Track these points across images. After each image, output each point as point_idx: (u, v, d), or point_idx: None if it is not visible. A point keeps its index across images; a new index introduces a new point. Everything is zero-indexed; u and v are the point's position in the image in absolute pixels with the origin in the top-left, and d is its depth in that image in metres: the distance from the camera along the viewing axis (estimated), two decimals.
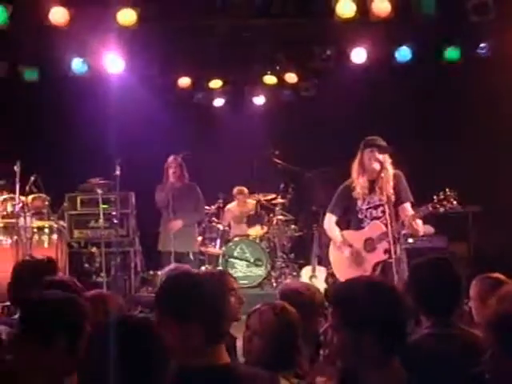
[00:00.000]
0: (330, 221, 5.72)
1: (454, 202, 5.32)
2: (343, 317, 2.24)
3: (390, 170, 5.46)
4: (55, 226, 8.16)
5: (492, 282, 3.41)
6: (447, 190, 5.29)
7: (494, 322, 2.18)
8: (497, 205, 8.52)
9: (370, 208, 5.54)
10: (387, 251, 5.23)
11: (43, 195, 8.17)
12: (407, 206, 5.59)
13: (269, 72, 9.90)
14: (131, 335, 1.98)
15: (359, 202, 5.55)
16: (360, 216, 5.57)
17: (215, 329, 2.25)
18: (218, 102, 10.43)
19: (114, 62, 8.91)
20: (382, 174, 5.38)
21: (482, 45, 8.82)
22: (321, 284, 7.84)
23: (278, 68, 9.84)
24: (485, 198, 8.39)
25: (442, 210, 5.28)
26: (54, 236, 8.08)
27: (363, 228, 5.57)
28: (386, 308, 2.21)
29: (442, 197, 5.23)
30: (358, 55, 8.97)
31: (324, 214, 5.94)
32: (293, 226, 9.59)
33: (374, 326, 2.17)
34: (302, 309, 3.05)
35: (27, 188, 7.97)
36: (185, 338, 2.21)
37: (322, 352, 3.33)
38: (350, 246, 5.54)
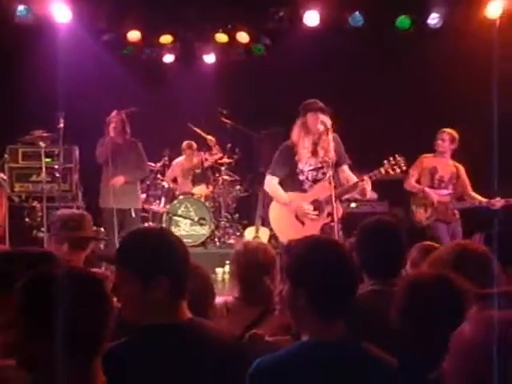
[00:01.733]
0: (271, 182, 5.66)
1: (404, 168, 5.45)
2: (286, 267, 2.26)
3: (331, 132, 5.45)
4: None
5: (425, 249, 3.50)
6: (396, 155, 5.39)
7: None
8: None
9: (311, 170, 5.55)
10: (330, 214, 5.28)
11: None
12: (346, 168, 5.66)
13: (220, 30, 9.76)
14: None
15: (300, 164, 5.54)
16: (301, 178, 5.55)
17: (180, 283, 2.20)
18: (168, 58, 10.25)
19: (60, 11, 8.65)
20: (326, 136, 5.40)
21: (432, 15, 8.92)
22: None
23: (229, 27, 9.72)
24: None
25: (392, 173, 5.41)
26: None
27: (304, 190, 5.57)
28: (325, 267, 2.19)
29: (392, 162, 5.34)
30: (311, 18, 8.94)
31: None
32: (238, 187, 9.60)
33: (309, 284, 2.17)
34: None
35: None
36: (148, 295, 2.15)
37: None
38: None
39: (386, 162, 5.36)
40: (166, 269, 2.16)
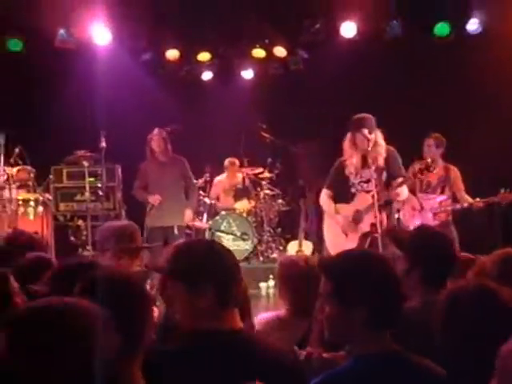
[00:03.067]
0: (325, 196, 5.86)
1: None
2: (335, 289, 2.22)
3: (383, 144, 5.62)
4: (41, 198, 8.10)
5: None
6: (429, 160, 5.44)
7: None
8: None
9: (361, 182, 5.65)
10: (373, 225, 5.26)
11: (28, 167, 8.11)
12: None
13: (257, 45, 9.81)
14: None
15: (352, 177, 5.68)
16: (353, 190, 5.69)
17: (227, 292, 2.19)
18: (207, 76, 10.34)
19: (100, 34, 8.81)
20: (373, 149, 5.52)
21: (472, 20, 8.80)
22: None
23: (266, 41, 9.76)
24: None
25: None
26: (40, 208, 8.03)
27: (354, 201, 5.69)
28: (379, 283, 2.19)
29: (423, 167, 5.41)
30: (348, 29, 8.91)
31: (310, 189, 6.00)
32: (280, 201, 9.57)
33: (365, 301, 2.16)
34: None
35: (12, 160, 7.90)
36: (194, 302, 2.16)
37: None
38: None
39: (416, 168, 5.52)
40: (212, 277, 2.17)
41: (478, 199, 6.87)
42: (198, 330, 2.17)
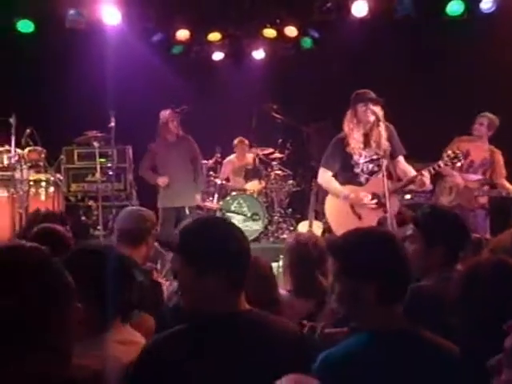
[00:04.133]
0: (325, 175, 5.60)
1: (462, 161, 5.37)
2: (343, 266, 2.24)
3: (383, 122, 5.38)
4: (52, 178, 8.14)
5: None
6: (457, 151, 5.29)
7: None
8: None
9: (366, 162, 5.46)
10: (383, 205, 5.21)
11: (39, 148, 8.14)
12: (401, 159, 5.58)
13: (268, 25, 9.74)
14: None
15: (355, 157, 5.45)
16: (356, 170, 5.47)
17: (236, 274, 2.16)
18: (217, 56, 10.30)
19: (110, 14, 8.79)
20: (377, 127, 5.34)
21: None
22: None
23: (277, 21, 9.69)
24: None
25: (451, 166, 5.36)
26: (51, 189, 8.07)
27: (360, 183, 5.49)
28: (386, 258, 2.22)
29: (452, 155, 5.22)
30: (359, 8, 8.83)
31: None
32: (290, 181, 9.56)
33: (373, 278, 2.18)
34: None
35: (23, 140, 7.93)
36: (202, 283, 2.13)
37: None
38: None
39: (445, 155, 5.25)
40: (220, 259, 2.14)
41: None
42: (207, 312, 2.15)
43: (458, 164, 5.40)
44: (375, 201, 5.38)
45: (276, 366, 1.93)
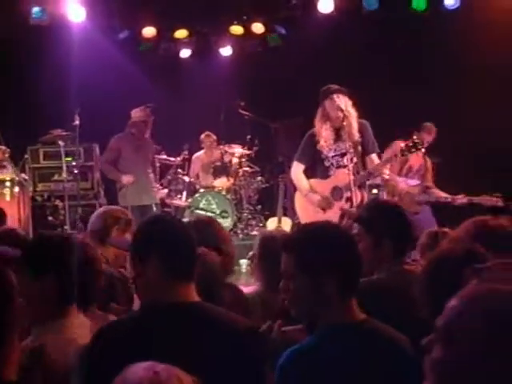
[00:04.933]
0: (296, 170, 5.73)
1: (420, 148, 5.41)
2: (301, 263, 2.21)
3: (353, 112, 5.48)
4: (17, 178, 8.00)
5: (435, 235, 3.46)
6: (415, 137, 5.35)
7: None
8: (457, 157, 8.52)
9: (336, 155, 5.54)
10: (349, 199, 5.25)
11: (3, 147, 7.97)
12: (374, 156, 5.64)
13: (235, 22, 9.73)
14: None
15: (325, 150, 5.54)
16: (326, 164, 5.57)
17: (175, 264, 2.21)
18: (185, 53, 10.24)
19: (75, 11, 8.69)
20: (346, 122, 5.38)
21: None
22: None
23: (244, 18, 9.68)
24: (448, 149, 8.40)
25: (408, 154, 5.40)
26: (16, 189, 7.93)
27: (329, 175, 5.57)
28: (344, 251, 2.22)
29: (410, 144, 5.28)
30: (325, 4, 8.86)
31: (289, 166, 5.94)
32: (259, 178, 9.55)
33: (334, 270, 2.17)
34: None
35: None
36: (146, 274, 2.22)
37: None
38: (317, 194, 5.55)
39: (403, 145, 5.33)
40: (158, 249, 2.21)
41: (461, 195, 6.65)
42: (149, 303, 2.25)
43: (414, 150, 5.43)
44: (328, 201, 5.47)
45: (222, 355, 2.08)
